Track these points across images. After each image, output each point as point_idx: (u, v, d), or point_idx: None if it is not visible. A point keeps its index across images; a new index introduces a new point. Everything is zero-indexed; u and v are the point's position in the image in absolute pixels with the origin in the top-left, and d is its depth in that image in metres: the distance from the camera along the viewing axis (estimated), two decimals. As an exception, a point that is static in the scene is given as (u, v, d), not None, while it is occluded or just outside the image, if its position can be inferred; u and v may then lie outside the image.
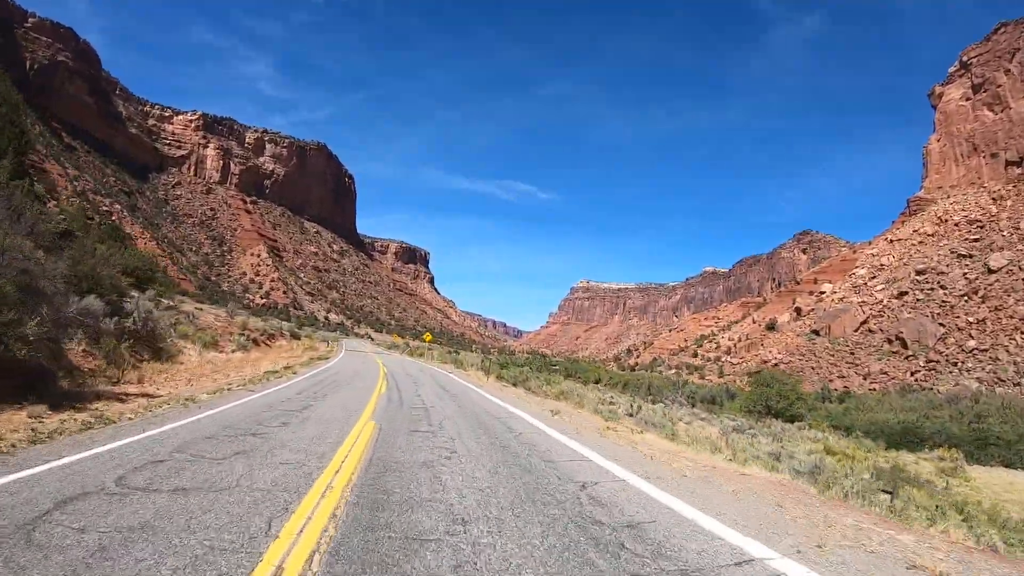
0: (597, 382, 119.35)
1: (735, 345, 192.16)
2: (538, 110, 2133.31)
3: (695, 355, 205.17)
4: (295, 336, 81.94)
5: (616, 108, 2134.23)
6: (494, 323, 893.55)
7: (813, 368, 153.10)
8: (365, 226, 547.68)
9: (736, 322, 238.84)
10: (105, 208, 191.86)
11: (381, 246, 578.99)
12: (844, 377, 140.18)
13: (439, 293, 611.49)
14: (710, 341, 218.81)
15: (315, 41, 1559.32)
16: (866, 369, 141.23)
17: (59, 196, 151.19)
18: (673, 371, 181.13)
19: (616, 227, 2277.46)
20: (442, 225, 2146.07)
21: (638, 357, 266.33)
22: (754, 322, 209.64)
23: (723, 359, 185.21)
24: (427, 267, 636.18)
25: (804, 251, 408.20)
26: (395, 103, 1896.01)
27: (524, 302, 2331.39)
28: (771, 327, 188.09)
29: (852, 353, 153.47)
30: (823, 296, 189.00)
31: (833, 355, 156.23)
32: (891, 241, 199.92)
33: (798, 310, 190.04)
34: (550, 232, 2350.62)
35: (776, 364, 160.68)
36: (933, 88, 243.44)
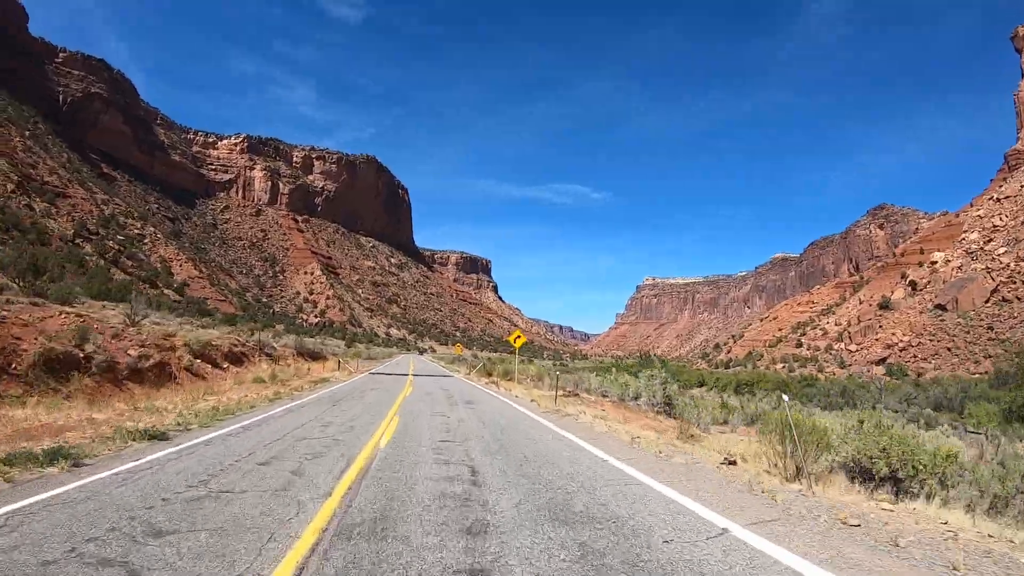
0: (700, 385, 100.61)
1: (846, 330, 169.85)
2: (578, 110, 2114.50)
3: (799, 345, 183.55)
4: (308, 355, 62.42)
5: (656, 102, 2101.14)
6: (560, 328, 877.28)
7: (950, 349, 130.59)
8: (422, 240, 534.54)
9: (836, 305, 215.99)
10: (137, 231, 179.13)
11: (441, 258, 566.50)
12: (992, 357, 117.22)
13: (503, 301, 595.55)
14: (813, 328, 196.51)
15: (352, 62, 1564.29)
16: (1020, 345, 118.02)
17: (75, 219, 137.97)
18: (781, 366, 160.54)
19: (676, 220, 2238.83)
20: (499, 235, 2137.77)
21: (729, 352, 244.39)
22: (861, 302, 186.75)
23: (837, 347, 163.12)
24: (489, 276, 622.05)
25: (880, 226, 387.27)
26: (436, 117, 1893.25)
27: (588, 305, 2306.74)
28: (884, 306, 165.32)
29: (991, 328, 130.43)
30: (935, 267, 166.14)
31: (968, 332, 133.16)
32: (998, 200, 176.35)
33: (912, 284, 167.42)
34: (608, 231, 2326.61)
35: (904, 348, 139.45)
36: (1016, 30, 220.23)
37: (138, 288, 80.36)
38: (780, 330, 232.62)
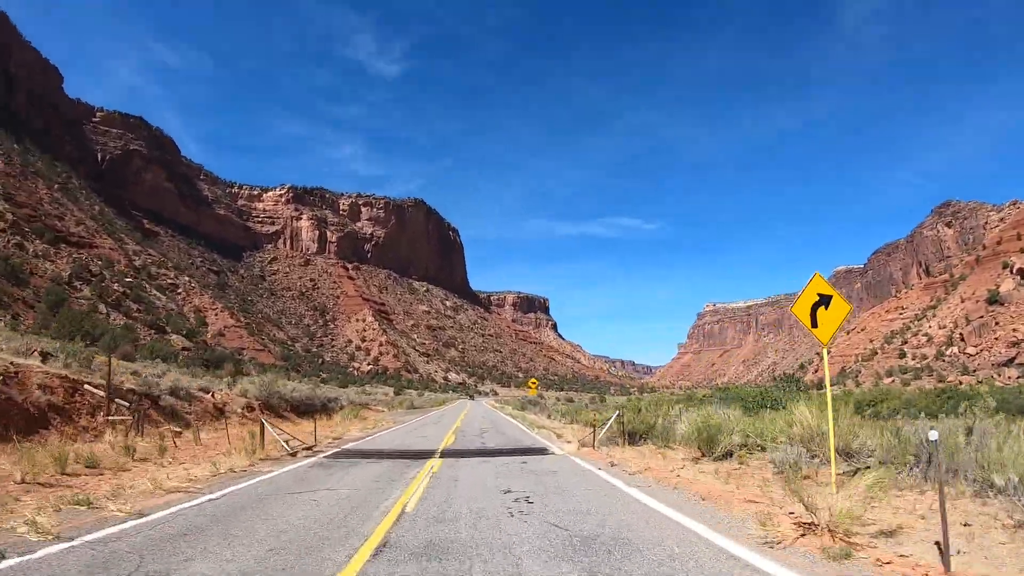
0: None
1: (956, 332, 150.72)
2: (625, 142, 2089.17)
3: (902, 355, 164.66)
4: (296, 409, 41.70)
5: (703, 126, 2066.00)
6: (622, 363, 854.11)
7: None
8: (479, 284, 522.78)
9: (931, 307, 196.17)
10: (170, 281, 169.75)
11: (498, 299, 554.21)
12: None
13: (564, 339, 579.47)
14: (913, 335, 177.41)
15: (397, 116, 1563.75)
16: None
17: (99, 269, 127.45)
18: (890, 380, 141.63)
19: (733, 243, 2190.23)
20: (553, 273, 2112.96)
21: (817, 371, 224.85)
22: (963, 300, 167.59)
23: (950, 352, 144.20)
24: (548, 314, 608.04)
25: (948, 225, 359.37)
26: (485, 161, 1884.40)
27: (649, 337, 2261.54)
28: (994, 300, 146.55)
29: None
30: None
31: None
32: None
33: (1022, 272, 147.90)
34: (663, 261, 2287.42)
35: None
36: None
37: (132, 333, 66.91)
38: (871, 341, 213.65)
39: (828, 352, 13.35)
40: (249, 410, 31.01)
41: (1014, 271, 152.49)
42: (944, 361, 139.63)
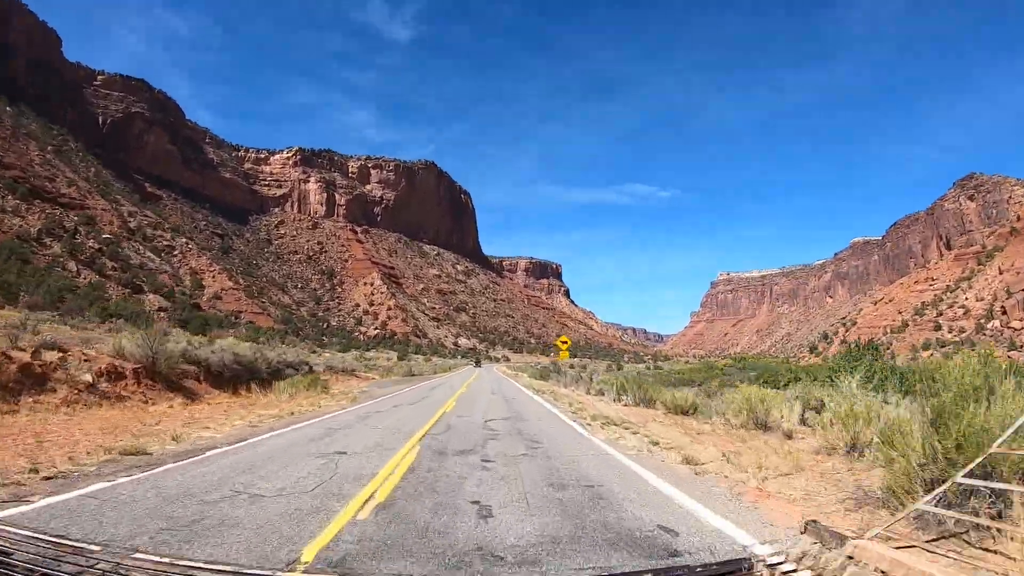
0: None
1: (998, 305, 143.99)
2: (643, 108, 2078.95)
3: (937, 327, 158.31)
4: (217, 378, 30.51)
5: (719, 93, 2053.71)
6: (634, 331, 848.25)
7: None
8: (491, 250, 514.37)
9: (964, 279, 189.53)
10: (167, 243, 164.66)
11: (510, 264, 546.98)
12: None
13: (576, 305, 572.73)
14: (948, 307, 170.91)
15: (409, 81, 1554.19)
16: None
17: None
18: (928, 354, 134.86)
19: (748, 212, 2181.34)
20: (566, 240, 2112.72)
21: (842, 342, 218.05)
22: (1001, 272, 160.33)
23: (992, 326, 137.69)
24: (560, 280, 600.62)
25: (971, 198, 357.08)
26: (498, 127, 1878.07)
27: (661, 305, 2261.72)
28: None
29: None
30: None
31: None
32: None
33: None
34: (677, 229, 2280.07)
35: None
36: None
37: (102, 292, 61.13)
38: (900, 313, 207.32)
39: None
40: (113, 377, 21.22)
41: None
42: (986, 335, 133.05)
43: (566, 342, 51.96)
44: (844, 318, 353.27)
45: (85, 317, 40.59)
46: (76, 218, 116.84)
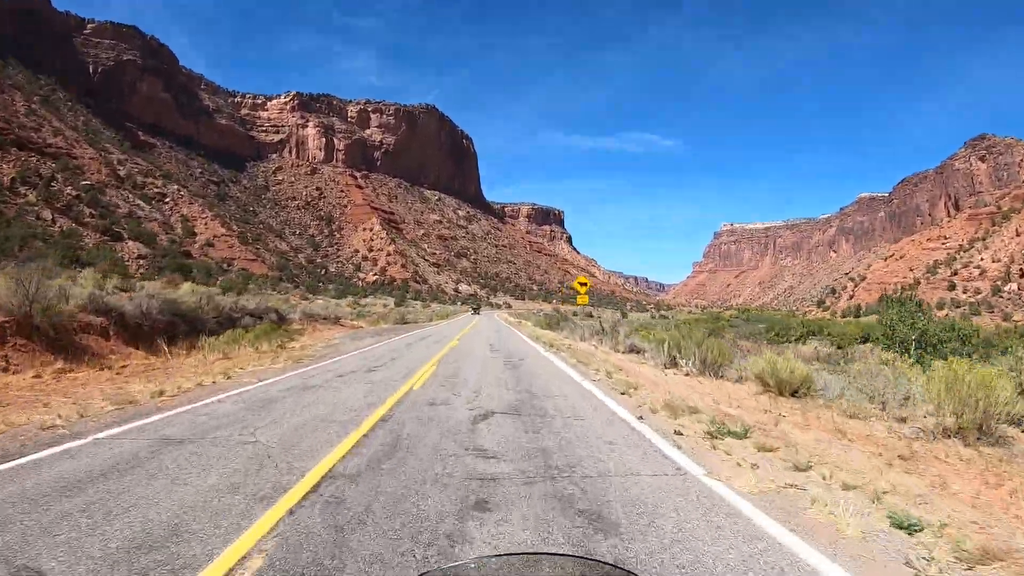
0: (865, 341, 74.31)
1: (1016, 267, 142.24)
2: (650, 58, 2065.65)
3: (951, 287, 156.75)
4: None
5: (727, 44, 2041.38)
6: (635, 279, 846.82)
7: None
8: (492, 196, 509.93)
9: (979, 239, 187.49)
10: (158, 190, 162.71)
11: (512, 210, 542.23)
12: None
13: (579, 252, 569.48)
14: (964, 266, 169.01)
15: (413, 26, 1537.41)
16: None
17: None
18: (943, 313, 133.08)
19: (754, 164, 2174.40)
20: (569, 188, 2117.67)
21: (852, 298, 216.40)
22: (1019, 233, 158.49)
23: (1009, 289, 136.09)
24: (563, 227, 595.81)
25: (982, 159, 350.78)
26: (502, 74, 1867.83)
27: (663, 254, 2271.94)
28: None
29: None
30: None
31: None
32: None
33: None
34: (680, 180, 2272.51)
35: None
36: None
37: (76, 240, 59.16)
38: (911, 270, 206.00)
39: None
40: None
41: None
42: (1003, 297, 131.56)
43: (585, 283, 42.25)
44: (849, 273, 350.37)
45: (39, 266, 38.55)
46: (53, 165, 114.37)
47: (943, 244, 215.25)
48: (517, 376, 17.97)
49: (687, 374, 19.32)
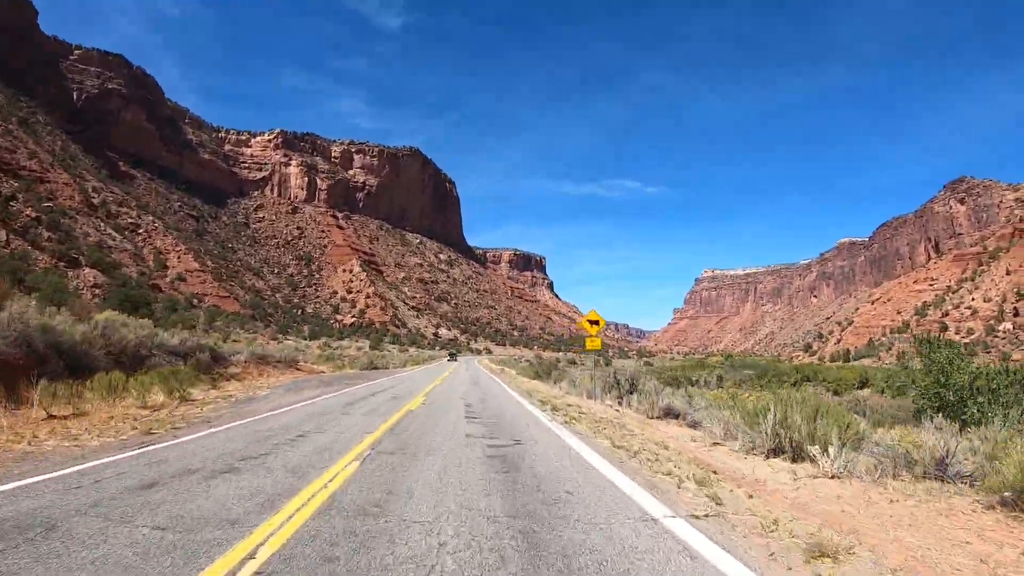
0: (863, 386, 71.60)
1: (1009, 306, 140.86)
2: (632, 104, 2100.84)
3: (944, 328, 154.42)
4: None
5: (712, 89, 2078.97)
6: (616, 326, 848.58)
7: None
8: (474, 241, 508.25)
9: (967, 279, 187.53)
10: (131, 220, 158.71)
11: (493, 255, 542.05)
12: None
13: (560, 299, 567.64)
14: (954, 307, 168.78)
15: (401, 70, 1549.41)
16: None
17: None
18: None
19: (733, 211, 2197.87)
20: (551, 234, 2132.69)
21: (839, 342, 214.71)
22: (1009, 272, 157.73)
23: (1004, 328, 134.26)
24: (544, 273, 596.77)
25: (961, 201, 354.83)
26: (489, 118, 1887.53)
27: (644, 301, 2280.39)
28: None
29: None
30: None
31: None
32: None
33: None
34: (662, 227, 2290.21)
35: None
36: None
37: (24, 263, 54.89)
38: (899, 313, 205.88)
39: None
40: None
41: None
42: (998, 337, 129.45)
43: (597, 322, 28.62)
44: (830, 317, 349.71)
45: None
46: (15, 184, 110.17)
47: (930, 285, 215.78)
48: (515, 492, 8.52)
49: (828, 476, 9.81)
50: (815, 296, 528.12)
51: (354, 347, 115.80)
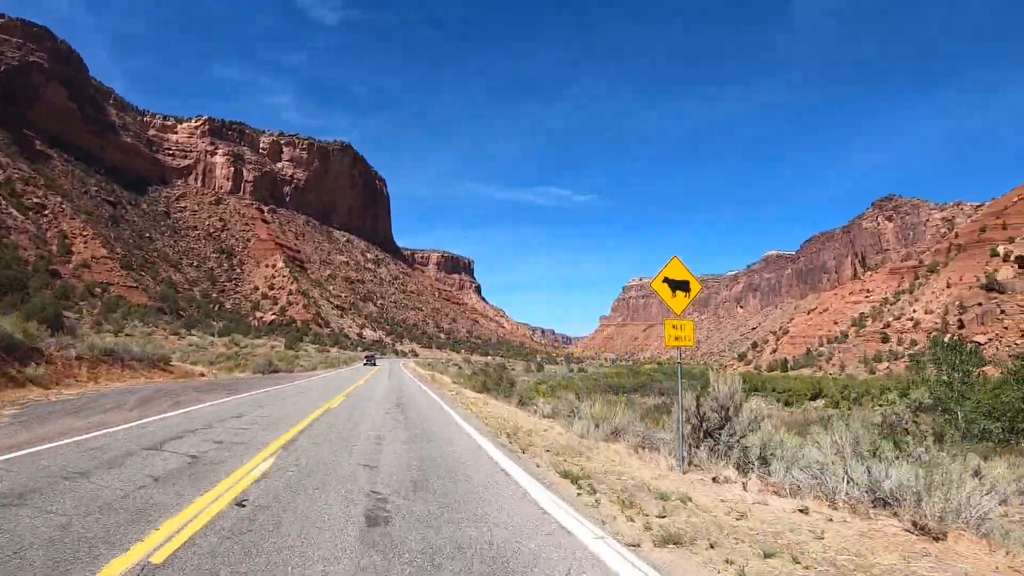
0: (816, 397, 70.61)
1: (953, 318, 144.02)
2: (566, 112, 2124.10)
3: (885, 339, 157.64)
4: None
5: (646, 102, 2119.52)
6: (543, 331, 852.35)
7: None
8: (403, 242, 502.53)
9: (904, 291, 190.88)
10: (37, 200, 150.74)
11: (422, 257, 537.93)
12: None
13: (487, 302, 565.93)
14: (895, 318, 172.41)
15: (336, 66, 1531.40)
16: None
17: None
18: (885, 366, 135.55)
19: (663, 222, 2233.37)
20: (480, 238, 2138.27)
21: (775, 352, 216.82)
22: (949, 285, 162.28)
23: (950, 340, 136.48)
24: (472, 276, 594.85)
25: (889, 219, 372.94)
26: (423, 119, 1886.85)
27: (570, 308, 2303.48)
28: (991, 287, 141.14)
29: None
30: None
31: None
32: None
33: (1020, 260, 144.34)
34: (591, 235, 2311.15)
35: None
36: None
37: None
38: (836, 323, 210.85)
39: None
40: None
41: (1012, 259, 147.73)
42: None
43: (686, 284, 14.25)
44: (756, 328, 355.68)
45: None
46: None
47: (866, 297, 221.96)
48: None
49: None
50: (741, 307, 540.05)
51: (268, 346, 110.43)
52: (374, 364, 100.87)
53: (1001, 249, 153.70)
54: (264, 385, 35.83)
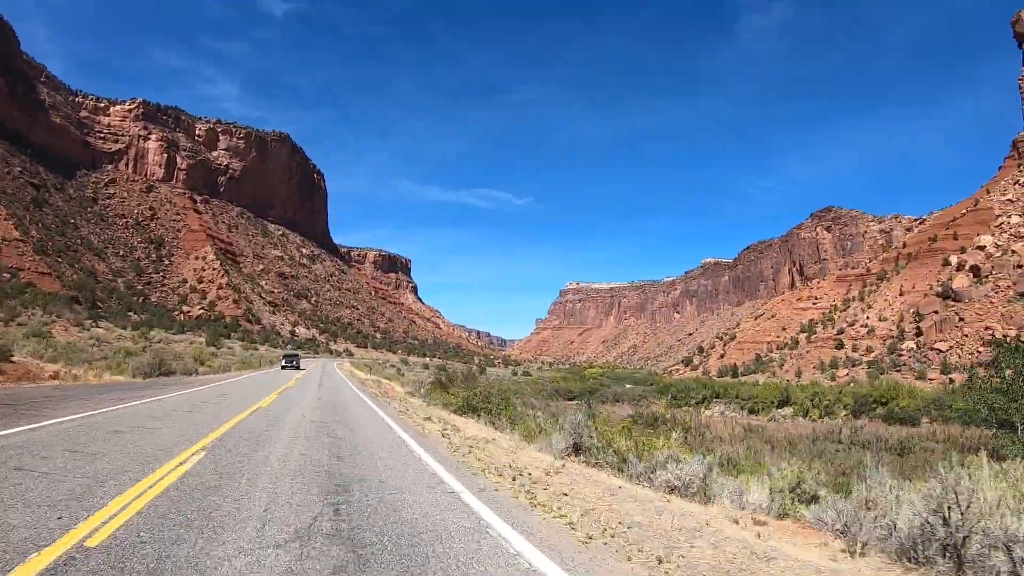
0: (783, 405, 68.46)
1: (910, 326, 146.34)
2: (508, 116, 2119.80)
3: (839, 345, 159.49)
4: None
5: (588, 109, 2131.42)
6: (478, 333, 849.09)
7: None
8: (340, 240, 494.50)
9: (854, 299, 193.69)
10: None
11: (358, 254, 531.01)
12: None
13: (424, 303, 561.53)
14: (849, 325, 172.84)
15: (279, 58, 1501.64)
16: None
17: None
18: (844, 372, 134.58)
19: (601, 227, 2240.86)
20: (417, 238, 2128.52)
21: (722, 357, 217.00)
22: (902, 293, 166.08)
23: (906, 347, 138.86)
24: (409, 276, 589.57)
25: (828, 229, 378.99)
26: (364, 117, 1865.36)
27: (506, 311, 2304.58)
28: (946, 295, 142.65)
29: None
30: (987, 252, 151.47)
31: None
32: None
33: (975, 270, 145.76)
34: (529, 238, 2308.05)
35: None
36: (1018, 15, 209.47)
37: None
38: (784, 329, 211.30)
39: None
40: None
41: (967, 269, 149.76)
42: (903, 356, 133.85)
43: None
44: (692, 333, 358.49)
45: None
46: None
47: (814, 304, 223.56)
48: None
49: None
50: (678, 312, 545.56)
51: (187, 342, 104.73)
52: (297, 367, 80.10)
53: (954, 259, 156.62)
54: (100, 403, 21.80)
